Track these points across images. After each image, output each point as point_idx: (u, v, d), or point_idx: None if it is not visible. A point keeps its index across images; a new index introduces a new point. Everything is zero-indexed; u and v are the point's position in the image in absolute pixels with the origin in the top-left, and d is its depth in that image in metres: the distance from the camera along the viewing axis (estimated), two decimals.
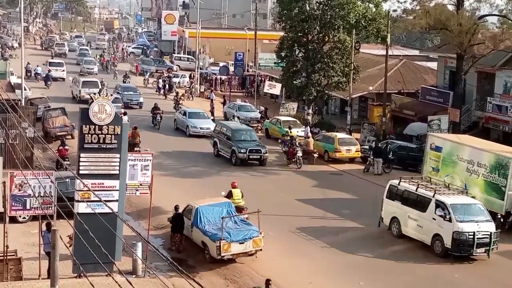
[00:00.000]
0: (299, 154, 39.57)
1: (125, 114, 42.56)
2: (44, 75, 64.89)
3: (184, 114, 48.34)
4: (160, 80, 66.94)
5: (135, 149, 35.85)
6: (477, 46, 42.48)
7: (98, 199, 18.87)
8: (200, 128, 46.09)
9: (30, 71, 67.00)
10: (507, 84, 43.73)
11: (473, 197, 27.81)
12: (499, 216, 28.03)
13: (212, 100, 56.57)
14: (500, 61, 43.41)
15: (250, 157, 38.97)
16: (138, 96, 56.65)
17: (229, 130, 40.31)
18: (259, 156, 39.21)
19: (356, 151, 41.39)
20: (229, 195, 27.72)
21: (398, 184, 28.12)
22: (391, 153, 39.62)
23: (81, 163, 20.28)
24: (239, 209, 26.86)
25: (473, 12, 44.83)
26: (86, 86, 54.96)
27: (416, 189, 27.30)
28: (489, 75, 45.85)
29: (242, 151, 38.66)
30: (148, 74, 74.41)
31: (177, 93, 58.44)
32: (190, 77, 71.63)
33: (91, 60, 79.43)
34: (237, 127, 41.91)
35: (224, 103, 56.97)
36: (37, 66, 69.72)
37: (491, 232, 25.28)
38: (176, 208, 25.79)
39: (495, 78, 44.65)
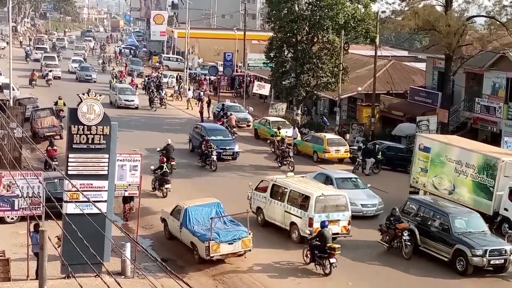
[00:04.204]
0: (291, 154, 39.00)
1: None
2: (25, 53, 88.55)
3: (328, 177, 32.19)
4: (146, 79, 66.95)
5: None
6: (466, 47, 42.65)
7: (86, 199, 18.83)
8: (362, 204, 30.39)
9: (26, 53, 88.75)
10: (495, 85, 43.91)
11: None
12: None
13: (201, 100, 56.05)
14: (488, 62, 43.56)
15: (491, 262, 24.05)
16: (232, 142, 41.12)
17: (440, 214, 25.77)
18: (503, 260, 24.25)
19: (345, 152, 41.45)
20: None
21: None
22: (379, 154, 39.74)
23: (69, 164, 20.25)
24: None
25: (462, 13, 45.02)
26: (46, 60, 74.98)
27: None
28: (477, 76, 46.04)
29: (478, 252, 23.85)
30: (136, 74, 74.40)
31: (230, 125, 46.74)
32: (178, 77, 71.58)
33: (128, 88, 59.73)
34: (456, 211, 26.34)
35: (209, 104, 56.07)
36: (27, 46, 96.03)
37: None
38: None
39: (483, 79, 44.82)
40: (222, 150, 39.31)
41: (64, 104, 46.02)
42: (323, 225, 24.16)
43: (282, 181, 28.05)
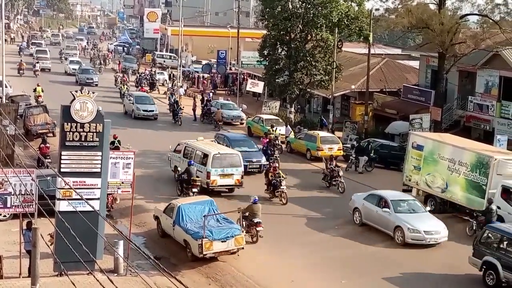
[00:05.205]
0: (276, 154, 38.29)
1: None
2: (19, 48, 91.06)
3: None
4: (138, 75, 66.78)
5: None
6: (459, 45, 42.70)
7: (79, 197, 18.79)
8: (425, 231, 26.51)
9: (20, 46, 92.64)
10: (488, 83, 44.00)
11: None
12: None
13: (208, 99, 55.81)
14: (481, 60, 43.64)
15: None
16: (258, 154, 37.72)
17: None
18: None
19: (338, 150, 41.46)
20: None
21: None
22: (373, 152, 39.78)
23: (62, 161, 20.21)
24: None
25: (455, 11, 45.03)
26: (38, 53, 78.84)
27: None
28: (470, 74, 46.13)
29: None
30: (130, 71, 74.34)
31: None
32: (171, 75, 71.47)
33: (146, 97, 54.72)
34: None
35: (202, 101, 55.36)
36: (23, 42, 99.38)
37: None
38: None
39: (476, 77, 44.91)
40: (248, 163, 35.75)
41: (42, 91, 52.43)
42: (189, 163, 31.08)
43: (192, 143, 33.97)
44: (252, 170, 36.37)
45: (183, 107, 52.75)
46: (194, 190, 30.14)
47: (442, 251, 26.15)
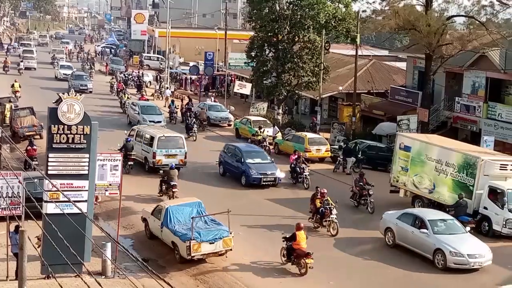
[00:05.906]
0: (306, 173, 35.05)
1: None
2: (6, 48, 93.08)
3: None
4: (123, 75, 66.65)
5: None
6: (446, 46, 42.83)
7: (67, 199, 18.72)
8: (468, 255, 24.07)
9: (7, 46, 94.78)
10: (475, 84, 44.19)
11: None
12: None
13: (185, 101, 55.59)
14: (468, 62, 43.82)
15: None
16: (272, 166, 35.61)
17: None
18: None
19: (326, 151, 41.53)
20: None
21: None
22: (360, 153, 39.88)
23: (49, 163, 20.14)
24: None
25: (442, 12, 45.16)
26: (24, 53, 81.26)
27: None
28: (457, 75, 46.30)
29: None
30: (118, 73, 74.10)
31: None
32: (158, 77, 71.35)
33: (152, 106, 50.04)
34: None
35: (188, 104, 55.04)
36: (13, 41, 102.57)
37: None
38: None
39: (463, 78, 45.08)
40: (262, 176, 34.37)
41: (20, 86, 54.88)
42: (127, 140, 35.67)
43: (143, 128, 38.80)
44: (267, 183, 34.65)
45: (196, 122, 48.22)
46: (130, 163, 34.91)
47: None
